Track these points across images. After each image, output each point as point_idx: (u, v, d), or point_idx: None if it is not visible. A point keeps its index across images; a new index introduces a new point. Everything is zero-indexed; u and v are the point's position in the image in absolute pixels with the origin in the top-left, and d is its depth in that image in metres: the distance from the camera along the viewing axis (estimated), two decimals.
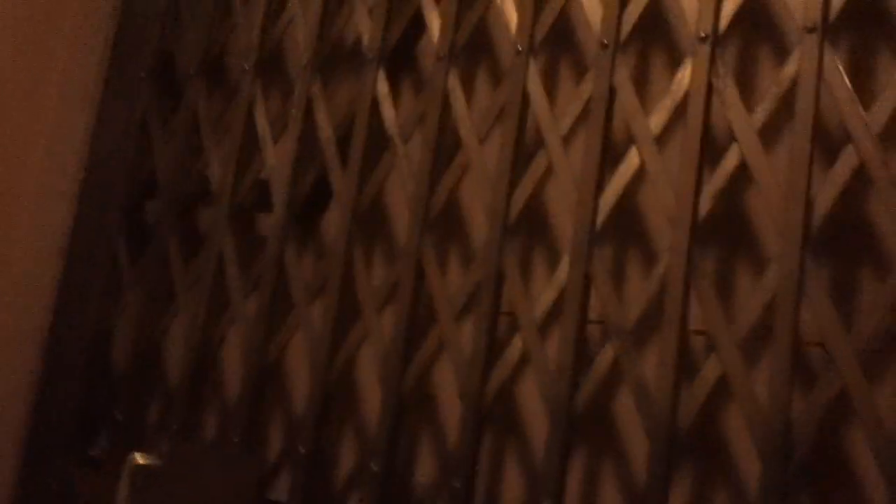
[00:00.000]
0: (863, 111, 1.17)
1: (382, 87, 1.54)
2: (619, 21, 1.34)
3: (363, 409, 1.55)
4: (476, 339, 1.36)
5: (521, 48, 1.41)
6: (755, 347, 1.22)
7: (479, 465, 1.37)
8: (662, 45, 1.40)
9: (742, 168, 1.24)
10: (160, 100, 1.82)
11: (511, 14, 1.44)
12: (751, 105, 1.26)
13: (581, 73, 1.42)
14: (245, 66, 1.70)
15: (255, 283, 1.60)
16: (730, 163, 1.25)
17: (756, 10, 1.32)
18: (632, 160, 1.32)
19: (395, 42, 1.57)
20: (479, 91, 1.54)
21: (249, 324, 1.58)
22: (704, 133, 1.26)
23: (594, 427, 1.34)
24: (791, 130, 1.21)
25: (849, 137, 1.18)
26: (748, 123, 1.24)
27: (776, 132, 1.27)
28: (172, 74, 1.82)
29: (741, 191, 1.29)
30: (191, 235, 1.73)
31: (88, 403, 1.72)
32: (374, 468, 1.39)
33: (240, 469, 1.31)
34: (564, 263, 1.33)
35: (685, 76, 1.28)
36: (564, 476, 1.27)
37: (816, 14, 1.20)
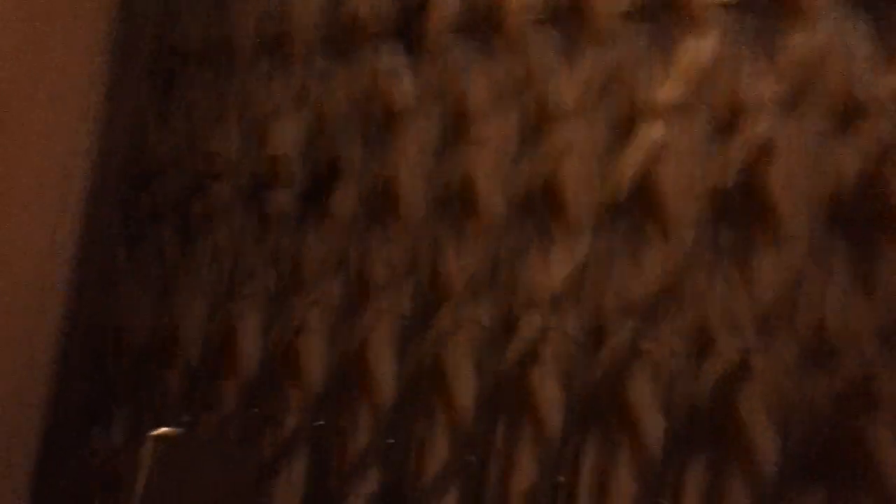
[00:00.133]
0: (890, 83, 1.15)
1: (395, 63, 1.53)
2: None
3: (379, 386, 1.53)
4: (491, 317, 1.34)
5: (537, 19, 1.40)
6: (775, 325, 1.20)
7: (494, 442, 1.35)
8: (684, 15, 1.38)
9: (764, 140, 1.22)
10: (168, 78, 1.80)
11: None
12: (774, 76, 1.24)
13: (599, 45, 1.40)
14: (254, 43, 1.68)
15: (268, 261, 1.58)
16: (751, 135, 1.23)
17: None
18: (651, 133, 1.30)
19: (408, 17, 1.55)
20: (494, 64, 1.52)
21: (263, 301, 1.56)
22: (726, 104, 1.24)
23: (610, 404, 1.32)
24: (815, 102, 1.19)
25: (874, 109, 1.16)
26: (772, 94, 1.22)
27: (799, 104, 1.25)
28: (179, 52, 1.80)
29: (763, 163, 1.27)
30: (205, 213, 1.72)
31: (108, 379, 1.71)
32: (390, 443, 1.37)
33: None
34: (582, 239, 1.31)
35: (707, 46, 1.27)
36: (580, 452, 1.25)
37: None
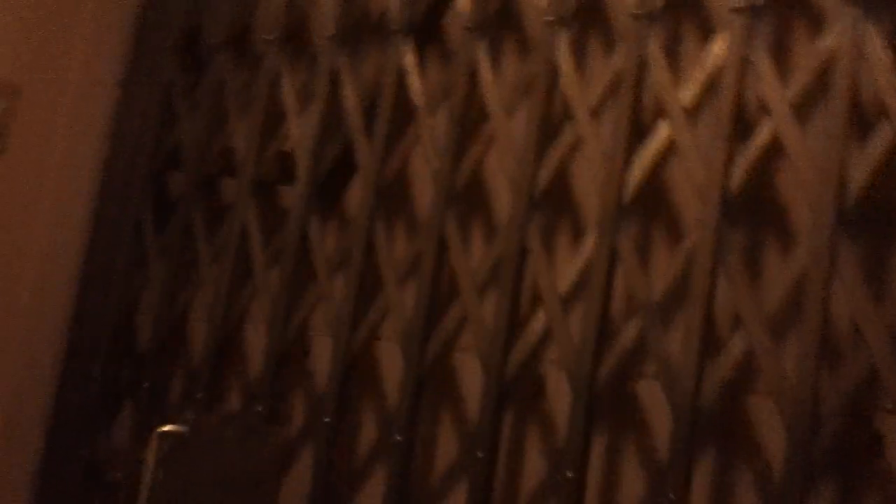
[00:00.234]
0: None
1: (409, 59, 1.53)
2: None
3: (385, 382, 1.54)
4: (499, 314, 1.35)
5: (551, 19, 1.39)
6: (783, 324, 1.21)
7: (502, 439, 1.36)
8: (695, 17, 1.37)
9: (775, 143, 1.22)
10: (185, 72, 1.81)
11: None
12: (785, 79, 1.24)
13: (611, 45, 1.40)
14: (270, 38, 1.69)
15: (278, 256, 1.59)
16: (762, 137, 1.23)
17: None
18: (662, 134, 1.30)
19: (422, 13, 1.55)
20: (507, 63, 1.52)
21: (272, 296, 1.57)
22: (737, 107, 1.24)
23: (617, 402, 1.33)
24: (826, 105, 1.18)
25: (886, 113, 1.15)
26: (782, 97, 1.21)
27: (811, 107, 1.24)
28: (197, 47, 1.81)
29: (773, 166, 1.27)
30: (214, 207, 1.73)
31: (114, 375, 1.73)
32: (397, 440, 1.38)
33: (263, 437, 1.31)
34: (590, 238, 1.32)
35: (718, 48, 1.26)
36: (587, 450, 1.26)
37: None
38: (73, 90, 1.81)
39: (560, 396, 1.36)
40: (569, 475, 1.23)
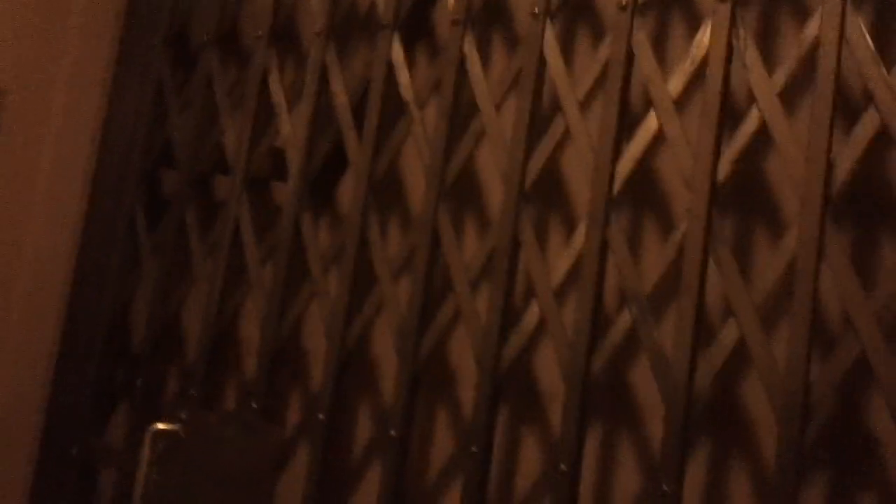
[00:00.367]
0: (886, 73, 1.14)
1: (397, 54, 1.53)
2: None
3: (380, 378, 1.54)
4: (492, 308, 1.35)
5: (538, 11, 1.39)
6: (774, 313, 1.21)
7: (496, 434, 1.37)
8: (681, 7, 1.37)
9: (762, 131, 1.22)
10: (175, 69, 1.81)
11: None
12: (771, 67, 1.24)
13: (598, 37, 1.40)
14: (259, 34, 1.69)
15: (271, 253, 1.60)
16: (750, 126, 1.23)
17: None
18: (650, 125, 1.30)
19: (410, 7, 1.55)
20: (496, 56, 1.52)
21: (266, 293, 1.58)
22: (724, 96, 1.24)
23: (611, 394, 1.33)
24: (812, 93, 1.18)
25: (871, 100, 1.15)
26: (768, 86, 1.21)
27: (797, 95, 1.24)
28: (187, 43, 1.81)
29: (761, 155, 1.27)
30: (207, 205, 1.73)
31: (108, 375, 1.73)
32: (392, 435, 1.39)
33: (259, 434, 1.31)
34: (581, 230, 1.32)
35: (705, 38, 1.26)
36: (581, 443, 1.26)
37: None
38: (63, 89, 1.81)
39: (553, 389, 1.36)
40: (563, 468, 1.24)
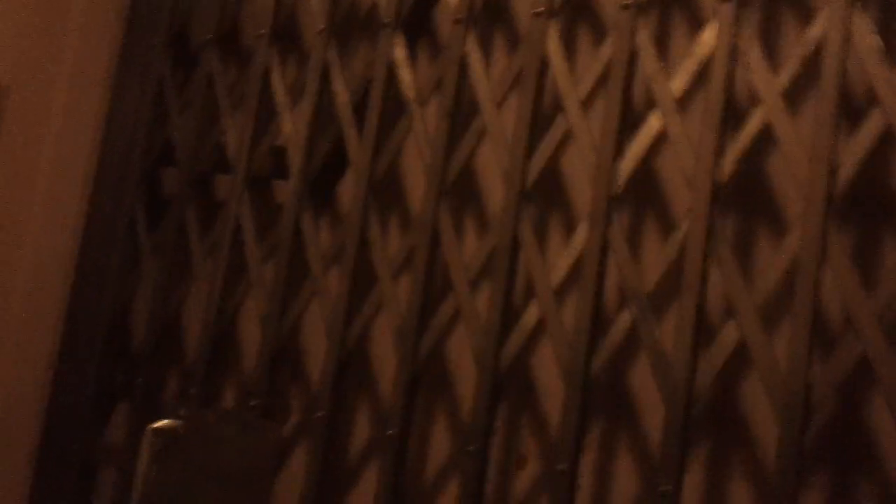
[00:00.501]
0: (891, 73, 1.14)
1: (399, 53, 1.53)
2: None
3: (379, 377, 1.54)
4: (492, 307, 1.35)
5: (540, 10, 1.39)
6: (775, 313, 1.20)
7: (495, 433, 1.36)
8: (684, 6, 1.37)
9: (765, 131, 1.22)
10: (175, 68, 1.81)
11: None
12: (775, 67, 1.24)
13: (601, 36, 1.39)
14: (260, 33, 1.68)
15: (272, 252, 1.59)
16: (753, 126, 1.23)
17: None
18: (652, 124, 1.29)
19: (412, 6, 1.55)
20: (497, 55, 1.52)
21: (266, 292, 1.57)
22: (727, 96, 1.23)
23: (611, 394, 1.33)
24: (816, 93, 1.18)
25: (875, 100, 1.15)
26: (772, 86, 1.21)
27: (801, 95, 1.24)
28: (187, 42, 1.81)
29: (764, 154, 1.27)
30: (207, 204, 1.73)
31: (108, 375, 1.73)
32: (390, 434, 1.38)
33: (258, 433, 1.31)
34: (582, 229, 1.32)
35: (708, 38, 1.26)
36: (580, 443, 1.26)
37: None
38: (64, 89, 1.81)
39: (553, 389, 1.36)
40: (562, 468, 1.23)
